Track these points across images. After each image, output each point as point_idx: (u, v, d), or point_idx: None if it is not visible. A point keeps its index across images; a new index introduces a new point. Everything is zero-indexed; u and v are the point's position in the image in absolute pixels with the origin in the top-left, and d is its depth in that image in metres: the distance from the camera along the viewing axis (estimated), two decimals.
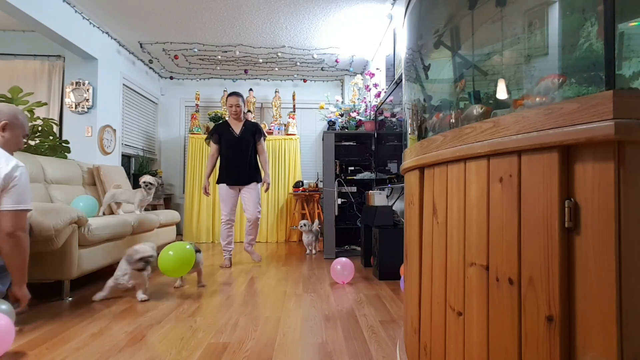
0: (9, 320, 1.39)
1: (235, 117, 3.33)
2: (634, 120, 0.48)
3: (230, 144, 3.32)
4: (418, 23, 1.35)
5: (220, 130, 3.35)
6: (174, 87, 5.75)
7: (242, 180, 3.32)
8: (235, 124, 3.37)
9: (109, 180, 3.49)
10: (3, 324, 1.35)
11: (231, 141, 3.32)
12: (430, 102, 1.36)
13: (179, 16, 3.85)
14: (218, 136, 3.33)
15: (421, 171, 1.08)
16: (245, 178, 3.33)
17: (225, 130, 3.34)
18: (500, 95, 0.96)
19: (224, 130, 3.34)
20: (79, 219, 2.22)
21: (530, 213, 0.62)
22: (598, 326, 0.51)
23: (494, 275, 0.71)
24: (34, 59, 4.20)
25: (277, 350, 1.51)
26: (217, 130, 3.35)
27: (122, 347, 1.53)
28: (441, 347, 0.92)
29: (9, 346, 1.39)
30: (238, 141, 3.32)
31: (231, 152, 3.31)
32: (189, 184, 5.09)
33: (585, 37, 0.74)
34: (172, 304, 2.14)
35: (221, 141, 3.33)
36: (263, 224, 5.11)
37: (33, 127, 3.03)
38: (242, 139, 3.33)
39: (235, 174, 3.30)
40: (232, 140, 3.32)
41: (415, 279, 1.12)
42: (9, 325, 1.37)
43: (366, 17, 3.86)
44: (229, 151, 3.31)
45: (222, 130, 3.34)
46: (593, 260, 0.52)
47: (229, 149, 3.31)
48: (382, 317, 1.93)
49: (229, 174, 3.30)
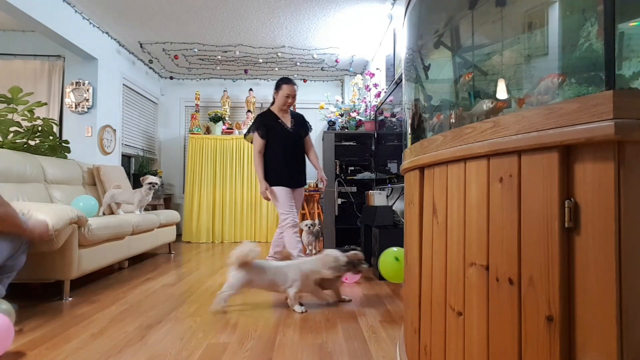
0: (8, 321, 1.39)
1: (286, 109, 2.86)
2: (634, 120, 0.48)
3: (284, 140, 2.82)
4: (418, 23, 1.35)
5: (267, 123, 2.81)
6: (174, 87, 5.75)
7: (301, 182, 2.90)
8: (283, 115, 2.87)
9: (109, 180, 3.49)
10: (2, 324, 1.35)
11: (285, 137, 2.82)
12: (430, 102, 1.36)
13: (179, 16, 3.85)
14: (266, 130, 2.80)
15: (421, 171, 1.08)
16: (303, 179, 2.93)
17: (274, 123, 2.83)
18: (500, 95, 0.96)
19: (273, 124, 2.82)
20: (79, 219, 2.22)
21: (530, 213, 0.62)
22: (598, 326, 0.51)
23: (494, 275, 0.71)
24: (34, 59, 4.20)
25: (277, 350, 1.51)
26: (263, 123, 2.80)
27: (122, 347, 1.53)
28: (441, 347, 0.91)
29: (8, 346, 1.39)
30: (293, 137, 2.85)
31: (287, 149, 2.83)
32: (189, 184, 5.09)
33: (585, 37, 0.74)
34: (172, 304, 2.14)
35: (270, 136, 2.80)
36: (263, 224, 5.11)
37: (33, 127, 3.03)
38: (296, 134, 2.86)
39: (296, 175, 2.86)
40: (286, 135, 2.82)
41: (415, 279, 1.12)
42: (8, 325, 1.37)
43: (366, 17, 3.86)
44: (284, 148, 2.82)
45: (271, 124, 2.82)
46: (593, 260, 0.52)
47: (284, 146, 2.82)
48: (382, 317, 1.93)
49: (290, 174, 2.81)
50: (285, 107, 2.83)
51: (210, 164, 5.12)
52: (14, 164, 2.63)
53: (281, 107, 2.83)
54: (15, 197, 2.49)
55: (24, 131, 3.00)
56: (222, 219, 5.10)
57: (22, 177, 2.67)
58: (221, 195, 5.11)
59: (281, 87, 2.78)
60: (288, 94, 2.77)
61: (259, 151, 2.79)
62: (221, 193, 5.11)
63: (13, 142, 2.96)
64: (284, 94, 2.77)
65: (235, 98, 5.66)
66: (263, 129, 2.79)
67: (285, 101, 2.78)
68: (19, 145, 2.99)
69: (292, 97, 2.79)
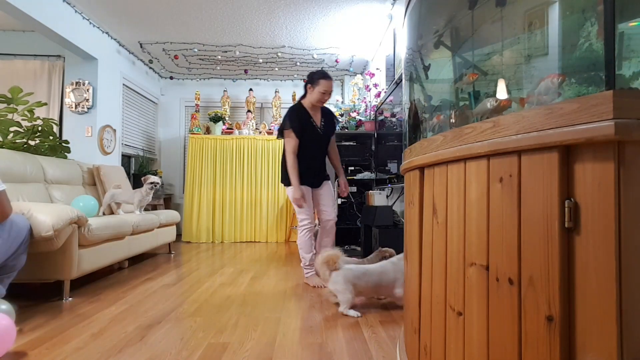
0: (11, 321, 1.39)
1: (320, 105, 2.65)
2: (634, 120, 0.48)
3: (313, 142, 2.66)
4: (418, 23, 1.35)
5: (301, 120, 2.60)
6: (174, 87, 5.75)
7: (322, 178, 2.77)
8: (315, 112, 2.67)
9: (109, 180, 3.49)
10: (4, 324, 1.35)
11: (314, 139, 2.65)
12: (430, 102, 1.36)
13: (179, 16, 3.85)
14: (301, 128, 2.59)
15: (421, 171, 1.08)
16: (324, 175, 2.78)
17: (306, 122, 2.62)
18: (501, 95, 0.96)
19: (306, 122, 2.62)
20: (79, 219, 2.22)
21: (530, 213, 0.62)
22: (598, 326, 0.51)
23: (494, 275, 0.71)
24: (34, 59, 4.20)
25: (277, 350, 1.51)
26: (299, 119, 2.59)
27: (122, 347, 1.53)
28: (441, 347, 0.91)
29: (10, 346, 1.39)
30: (321, 138, 2.69)
31: (314, 153, 2.68)
32: (189, 184, 5.09)
33: (585, 37, 0.74)
34: (172, 304, 2.14)
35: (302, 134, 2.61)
36: (263, 224, 5.11)
37: (33, 127, 3.03)
38: (324, 136, 2.70)
39: (318, 174, 2.73)
40: (316, 136, 2.66)
41: (415, 279, 1.12)
42: (10, 325, 1.37)
43: (366, 17, 3.86)
44: (311, 153, 2.66)
45: (304, 122, 2.61)
46: (593, 260, 0.52)
47: (311, 149, 2.66)
48: (382, 317, 1.93)
49: (313, 176, 2.69)
50: (320, 104, 2.62)
51: (210, 164, 5.12)
52: (14, 164, 2.63)
53: (315, 104, 2.60)
54: (16, 197, 2.49)
55: (24, 131, 3.00)
56: (222, 219, 5.10)
57: (22, 177, 2.67)
58: (221, 195, 5.11)
59: (318, 82, 2.53)
60: (325, 89, 2.53)
61: (292, 151, 2.55)
62: (221, 193, 5.11)
63: (13, 142, 2.96)
64: (321, 90, 2.53)
65: (235, 98, 5.66)
66: (298, 126, 2.56)
67: (321, 97, 2.55)
68: (19, 145, 2.99)
69: (328, 93, 2.56)
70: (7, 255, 1.79)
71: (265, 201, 5.11)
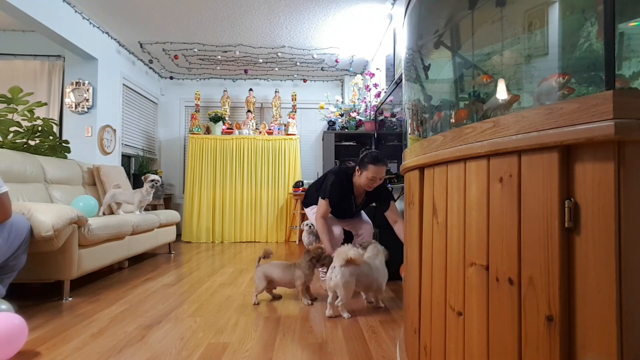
0: (23, 321, 1.40)
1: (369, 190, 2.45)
2: (634, 120, 0.48)
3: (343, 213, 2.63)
4: (418, 23, 1.35)
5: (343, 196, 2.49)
6: (174, 87, 5.75)
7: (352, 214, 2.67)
8: (360, 193, 2.55)
9: (109, 180, 3.49)
10: (17, 324, 1.36)
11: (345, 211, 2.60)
12: (430, 101, 1.36)
13: (179, 16, 3.85)
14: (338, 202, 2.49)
15: (421, 171, 1.08)
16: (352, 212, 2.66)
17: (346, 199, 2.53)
18: (500, 95, 0.96)
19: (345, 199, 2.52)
20: (79, 219, 2.22)
21: (530, 213, 0.62)
22: (598, 326, 0.51)
23: (494, 275, 0.71)
24: (34, 59, 4.20)
25: (277, 350, 1.51)
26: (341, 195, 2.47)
27: (122, 347, 1.53)
28: (441, 347, 0.91)
29: (21, 345, 1.40)
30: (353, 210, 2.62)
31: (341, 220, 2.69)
32: (189, 184, 5.09)
33: (585, 37, 0.74)
34: (172, 304, 2.14)
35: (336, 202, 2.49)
36: (263, 224, 5.11)
37: (33, 127, 3.03)
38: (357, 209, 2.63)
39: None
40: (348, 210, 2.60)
41: (415, 279, 1.12)
42: (22, 325, 1.38)
43: (366, 17, 3.86)
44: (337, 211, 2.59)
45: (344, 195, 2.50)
46: (593, 260, 0.52)
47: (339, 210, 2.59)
48: (382, 317, 1.93)
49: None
50: (369, 189, 2.43)
51: (210, 164, 5.12)
52: (14, 164, 2.63)
53: (363, 186, 2.42)
54: (16, 197, 2.49)
55: (24, 131, 3.00)
56: (222, 219, 5.10)
57: (22, 177, 2.67)
58: (221, 195, 5.11)
59: (367, 167, 2.31)
60: (374, 176, 2.31)
61: (322, 216, 2.45)
62: (221, 193, 5.11)
63: (13, 142, 2.96)
64: (369, 176, 2.31)
65: (235, 98, 5.66)
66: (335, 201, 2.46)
67: (369, 184, 2.36)
68: (19, 145, 2.99)
69: (379, 179, 2.35)
70: (7, 255, 1.79)
71: (265, 201, 5.11)
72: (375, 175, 2.30)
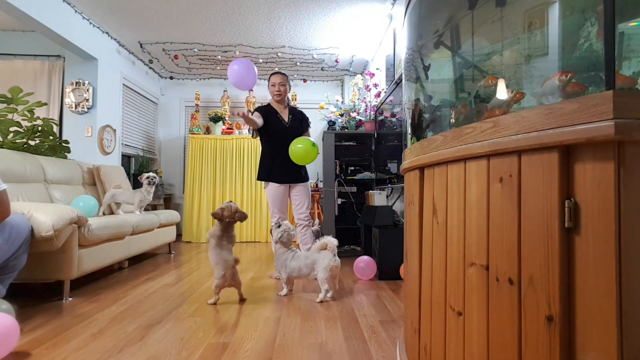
0: (14, 320, 1.39)
1: (279, 99, 2.88)
2: (634, 120, 0.48)
3: (280, 134, 2.82)
4: (418, 23, 1.35)
5: (265, 113, 2.83)
6: (174, 87, 5.75)
7: (299, 177, 2.88)
8: (281, 109, 2.90)
9: (109, 180, 3.49)
10: (8, 324, 1.35)
11: (280, 131, 2.82)
12: (430, 101, 1.36)
13: (179, 16, 3.85)
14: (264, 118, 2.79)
15: (421, 171, 1.08)
16: (300, 174, 2.89)
17: (272, 116, 2.83)
18: (501, 95, 0.96)
19: (271, 116, 2.83)
20: (79, 219, 2.22)
21: (530, 213, 0.62)
22: (598, 326, 0.51)
23: (494, 275, 0.71)
24: (34, 59, 4.20)
25: (277, 350, 1.51)
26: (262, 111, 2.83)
27: (122, 347, 1.53)
28: (441, 347, 0.91)
29: (14, 346, 1.39)
30: (288, 131, 2.83)
31: (280, 144, 2.79)
32: (189, 184, 5.09)
33: (585, 37, 0.74)
34: (172, 304, 2.14)
35: (266, 128, 2.81)
36: (263, 224, 5.11)
37: (33, 127, 3.03)
38: (292, 128, 2.84)
39: (291, 170, 2.83)
40: (282, 129, 2.82)
41: (415, 279, 1.12)
42: (14, 324, 1.37)
43: (366, 17, 3.85)
44: (279, 144, 2.79)
45: (268, 115, 2.83)
46: (593, 260, 0.52)
47: (277, 140, 2.80)
48: (382, 317, 1.93)
49: (282, 169, 2.81)
50: (277, 97, 2.88)
51: (210, 164, 5.12)
52: (14, 164, 2.63)
53: (273, 98, 2.91)
54: (16, 197, 2.49)
55: (24, 131, 3.00)
56: None
57: (22, 177, 2.67)
58: (221, 195, 5.11)
59: (269, 80, 2.91)
60: (273, 82, 2.86)
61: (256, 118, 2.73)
62: (221, 193, 5.11)
63: (13, 142, 2.96)
64: (270, 84, 2.88)
65: (235, 98, 5.66)
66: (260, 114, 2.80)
67: (272, 90, 2.87)
68: (19, 145, 2.99)
69: (278, 84, 2.85)
70: (7, 255, 1.79)
71: (265, 201, 5.11)
72: (274, 81, 2.86)
